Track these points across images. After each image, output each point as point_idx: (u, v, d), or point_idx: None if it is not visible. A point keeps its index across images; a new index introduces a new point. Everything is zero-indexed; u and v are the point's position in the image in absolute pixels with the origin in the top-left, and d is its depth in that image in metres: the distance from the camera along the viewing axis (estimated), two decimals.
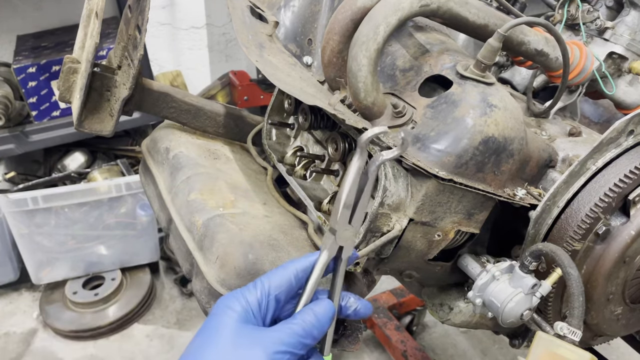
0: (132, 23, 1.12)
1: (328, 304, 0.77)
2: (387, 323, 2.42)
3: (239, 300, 0.75)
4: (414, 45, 1.06)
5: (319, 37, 1.18)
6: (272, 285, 0.76)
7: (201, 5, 3.28)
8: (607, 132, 0.95)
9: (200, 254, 1.01)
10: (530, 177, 1.02)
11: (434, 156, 0.91)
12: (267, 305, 0.76)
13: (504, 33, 0.93)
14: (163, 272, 2.94)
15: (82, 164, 2.89)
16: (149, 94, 1.22)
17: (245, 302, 0.74)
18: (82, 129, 1.17)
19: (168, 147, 1.24)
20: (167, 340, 2.58)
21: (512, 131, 0.92)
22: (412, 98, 0.99)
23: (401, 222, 0.94)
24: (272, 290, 0.76)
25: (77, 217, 2.56)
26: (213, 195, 1.09)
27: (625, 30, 1.18)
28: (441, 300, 1.19)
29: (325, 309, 0.76)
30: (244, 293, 0.76)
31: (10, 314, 2.69)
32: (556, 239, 0.97)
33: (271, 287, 0.76)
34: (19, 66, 2.49)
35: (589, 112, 1.35)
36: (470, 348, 2.59)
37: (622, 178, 0.95)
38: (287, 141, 1.30)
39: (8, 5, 2.80)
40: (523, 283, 0.94)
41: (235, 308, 0.74)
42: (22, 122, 2.66)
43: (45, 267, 2.64)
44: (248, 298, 0.75)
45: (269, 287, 0.76)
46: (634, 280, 1.04)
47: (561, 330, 0.85)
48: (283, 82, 0.98)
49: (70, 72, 1.16)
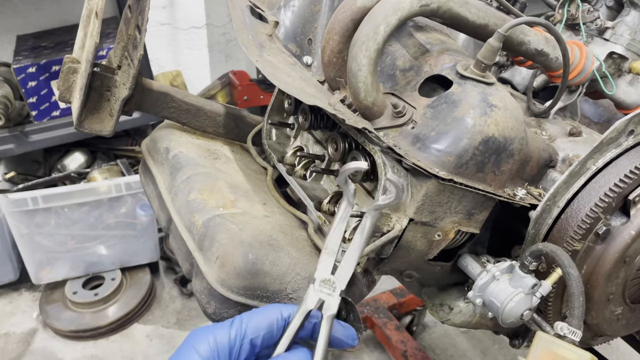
0: (132, 23, 1.12)
1: (304, 354, 0.70)
2: (387, 323, 2.42)
3: (208, 341, 0.68)
4: (414, 45, 1.06)
5: (319, 37, 1.18)
6: (250, 327, 0.71)
7: (201, 5, 3.28)
8: (607, 132, 0.95)
9: (200, 254, 1.01)
10: (531, 177, 1.02)
11: (434, 156, 0.91)
12: (239, 350, 0.70)
13: (504, 33, 0.93)
14: (163, 272, 2.94)
15: (82, 164, 2.89)
16: (149, 94, 1.22)
17: (214, 344, 0.68)
18: (82, 129, 1.17)
19: (168, 147, 1.24)
20: (167, 340, 2.58)
21: (512, 131, 0.92)
22: (412, 98, 0.99)
23: (401, 222, 0.94)
24: (249, 333, 0.70)
25: (77, 217, 2.56)
26: (213, 195, 1.09)
27: (626, 30, 1.18)
28: (441, 300, 1.19)
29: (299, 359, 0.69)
30: (215, 331, 0.70)
31: (10, 314, 2.69)
32: (556, 239, 0.97)
33: (248, 328, 0.71)
34: (19, 66, 2.49)
35: (589, 112, 1.35)
36: (470, 348, 2.59)
37: (622, 178, 0.95)
38: (287, 141, 1.29)
39: (8, 5, 2.80)
40: (523, 283, 0.94)
41: (200, 350, 0.68)
42: (22, 122, 2.66)
43: (45, 267, 2.64)
44: (218, 338, 0.69)
45: (245, 329, 0.70)
46: (634, 280, 1.04)
47: (561, 330, 0.85)
48: (283, 82, 0.98)
49: (70, 72, 1.16)
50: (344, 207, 0.72)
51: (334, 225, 0.72)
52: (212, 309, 0.98)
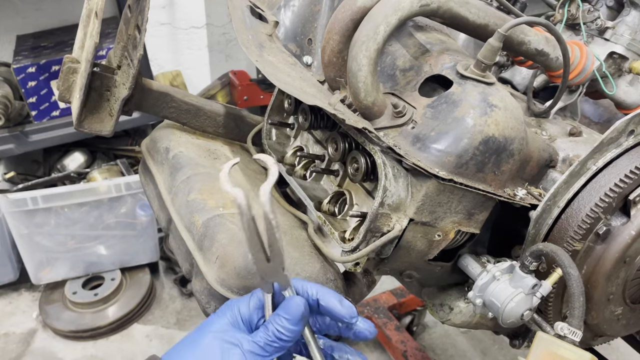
0: (131, 23, 1.12)
1: (295, 302, 0.79)
2: (387, 323, 2.42)
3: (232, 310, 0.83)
4: (414, 45, 1.06)
5: (319, 37, 1.18)
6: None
7: (201, 5, 3.28)
8: (607, 132, 0.94)
9: (200, 254, 1.01)
10: (531, 177, 1.02)
11: (434, 156, 0.91)
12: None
13: (504, 33, 0.93)
14: (163, 272, 2.94)
15: (82, 164, 2.89)
16: (149, 94, 1.21)
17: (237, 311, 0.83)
18: (81, 128, 1.16)
19: (168, 147, 1.24)
20: (167, 340, 2.58)
21: (512, 131, 0.92)
22: (412, 98, 0.99)
23: (401, 222, 0.94)
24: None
25: (76, 217, 2.56)
26: (213, 195, 1.09)
27: (626, 30, 1.18)
28: (441, 301, 1.18)
29: (293, 308, 0.79)
30: (238, 303, 0.83)
31: (9, 314, 2.69)
32: (556, 239, 0.97)
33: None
34: (19, 66, 2.49)
35: (590, 112, 1.35)
36: (470, 348, 2.59)
37: (623, 178, 0.95)
38: (287, 141, 1.29)
39: (8, 5, 2.80)
40: (523, 283, 0.94)
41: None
42: (21, 122, 2.66)
43: (44, 267, 2.64)
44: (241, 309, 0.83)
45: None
46: (635, 281, 1.04)
47: (561, 330, 0.85)
48: (283, 82, 0.98)
49: (70, 72, 1.16)
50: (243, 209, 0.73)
51: (244, 226, 0.74)
52: (212, 309, 0.98)
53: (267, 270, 0.77)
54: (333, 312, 0.82)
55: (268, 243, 0.75)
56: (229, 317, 0.81)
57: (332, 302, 0.81)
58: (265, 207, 0.72)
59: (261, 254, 0.75)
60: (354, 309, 0.82)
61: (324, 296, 0.82)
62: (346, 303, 0.82)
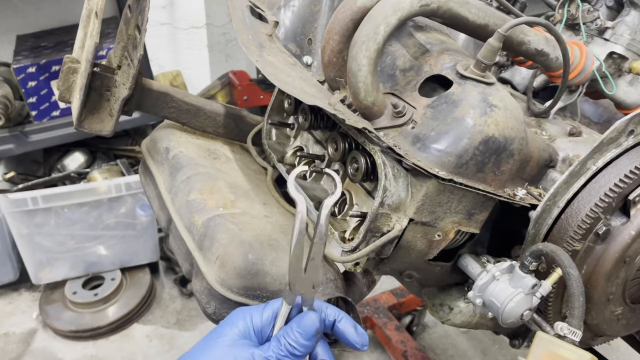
0: (131, 23, 1.12)
1: (310, 317, 0.78)
2: (387, 323, 2.42)
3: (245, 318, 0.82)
4: (414, 45, 1.06)
5: (319, 37, 1.18)
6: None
7: (201, 5, 3.28)
8: (607, 132, 0.94)
9: (200, 254, 1.01)
10: (531, 177, 1.02)
11: (434, 156, 0.91)
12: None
13: (504, 33, 0.93)
14: (163, 272, 2.94)
15: (82, 164, 2.89)
16: (149, 94, 1.22)
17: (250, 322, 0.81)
18: (81, 129, 1.17)
19: (168, 147, 1.24)
20: (167, 341, 2.58)
21: (512, 131, 0.92)
22: (412, 98, 0.99)
23: (401, 222, 0.94)
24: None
25: (77, 217, 2.56)
26: (213, 195, 1.09)
27: (626, 30, 1.18)
28: (441, 301, 1.19)
29: (307, 323, 0.78)
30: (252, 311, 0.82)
31: (9, 314, 2.69)
32: (556, 239, 0.97)
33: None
34: (19, 66, 2.49)
35: (589, 112, 1.35)
36: (470, 348, 2.59)
37: (623, 178, 0.95)
38: (287, 141, 1.29)
39: (8, 5, 2.80)
40: (523, 283, 0.94)
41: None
42: (21, 122, 2.66)
43: (45, 267, 2.64)
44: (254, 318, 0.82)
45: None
46: (634, 281, 1.04)
47: (561, 330, 0.85)
48: (283, 82, 0.98)
49: (70, 72, 1.16)
50: (299, 213, 0.75)
51: (295, 230, 0.76)
52: (212, 309, 0.98)
53: (299, 281, 0.77)
54: (347, 337, 0.83)
55: (311, 256, 0.76)
56: (240, 327, 0.80)
57: (348, 328, 0.83)
58: (322, 220, 0.74)
59: (300, 264, 0.75)
60: (367, 338, 0.84)
61: (342, 320, 0.83)
62: (360, 331, 0.83)
